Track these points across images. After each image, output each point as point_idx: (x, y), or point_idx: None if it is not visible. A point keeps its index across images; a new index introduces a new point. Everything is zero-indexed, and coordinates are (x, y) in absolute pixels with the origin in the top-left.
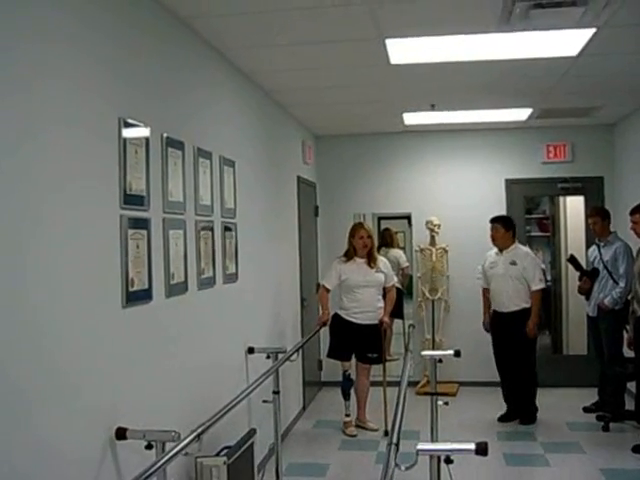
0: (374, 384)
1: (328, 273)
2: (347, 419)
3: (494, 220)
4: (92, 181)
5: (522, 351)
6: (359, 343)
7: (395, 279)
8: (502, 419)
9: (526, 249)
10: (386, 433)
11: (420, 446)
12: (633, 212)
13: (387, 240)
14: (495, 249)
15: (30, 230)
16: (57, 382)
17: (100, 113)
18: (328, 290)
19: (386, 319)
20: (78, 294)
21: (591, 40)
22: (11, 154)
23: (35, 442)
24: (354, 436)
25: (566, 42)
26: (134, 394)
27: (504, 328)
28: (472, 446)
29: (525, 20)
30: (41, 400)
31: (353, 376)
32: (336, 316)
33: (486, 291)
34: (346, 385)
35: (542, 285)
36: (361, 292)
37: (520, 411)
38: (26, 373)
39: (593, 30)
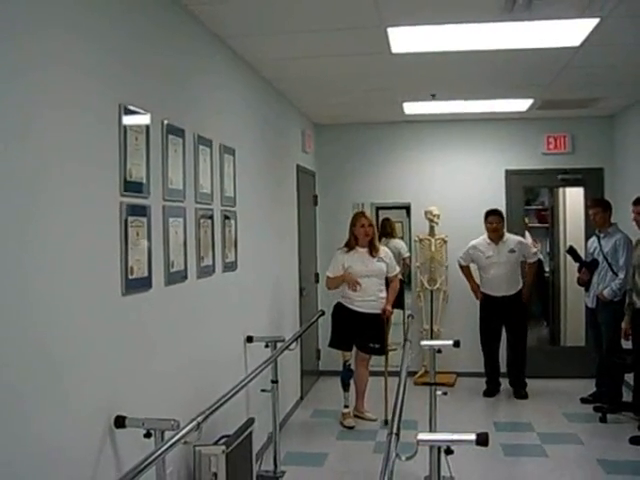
0: (372, 374)
1: (332, 264)
2: (345, 410)
3: (495, 213)
4: (92, 168)
5: (518, 329)
6: (361, 332)
7: (398, 269)
8: (487, 394)
9: (516, 237)
10: (386, 423)
11: (421, 436)
12: (636, 202)
13: (387, 230)
14: (482, 238)
15: (29, 217)
16: (55, 371)
17: (100, 99)
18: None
19: (389, 308)
20: (77, 282)
21: (594, 30)
22: (10, 140)
23: (33, 431)
24: (351, 428)
25: (569, 32)
26: (133, 382)
27: (499, 311)
28: (473, 437)
29: (528, 9)
30: (39, 389)
31: (354, 366)
32: (338, 305)
33: (466, 268)
34: (346, 375)
35: (537, 257)
36: (364, 282)
37: (515, 387)
38: (24, 361)
39: (596, 20)
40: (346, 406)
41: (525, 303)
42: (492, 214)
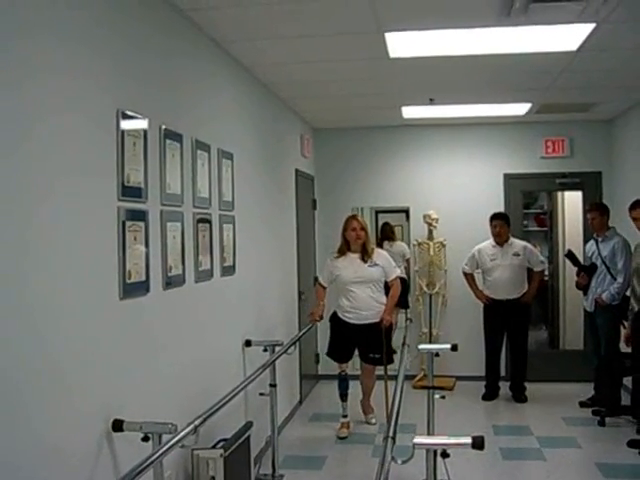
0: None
1: (323, 270)
2: (344, 420)
3: (499, 217)
4: (90, 173)
5: (519, 333)
6: (359, 343)
7: (398, 271)
8: (486, 398)
9: (522, 242)
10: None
11: (416, 440)
12: (633, 207)
13: (388, 234)
14: (488, 242)
15: (27, 221)
16: (54, 374)
17: (98, 104)
18: (324, 287)
19: (387, 316)
20: (75, 286)
21: (591, 35)
22: (9, 146)
23: (32, 434)
24: (344, 438)
25: (566, 37)
26: (131, 386)
27: (501, 314)
28: (468, 440)
29: (525, 14)
30: (38, 392)
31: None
32: (335, 315)
33: (470, 276)
34: (342, 386)
35: (544, 266)
36: (354, 289)
37: (514, 390)
38: (23, 365)
39: (593, 25)
40: (344, 416)
41: (527, 306)
42: (496, 218)
